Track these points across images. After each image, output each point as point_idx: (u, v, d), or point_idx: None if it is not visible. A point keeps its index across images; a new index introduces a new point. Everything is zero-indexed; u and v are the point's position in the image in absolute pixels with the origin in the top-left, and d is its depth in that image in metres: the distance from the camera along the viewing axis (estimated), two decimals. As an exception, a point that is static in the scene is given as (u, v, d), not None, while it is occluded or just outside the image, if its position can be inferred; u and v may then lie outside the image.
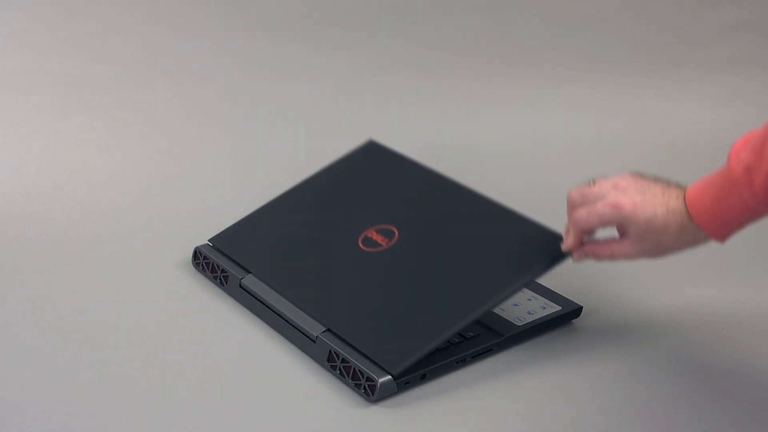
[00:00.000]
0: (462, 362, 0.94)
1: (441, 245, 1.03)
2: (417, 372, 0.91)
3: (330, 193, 1.17)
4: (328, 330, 0.96)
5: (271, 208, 1.18)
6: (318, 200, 1.17)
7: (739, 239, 1.25)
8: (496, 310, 1.02)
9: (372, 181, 1.17)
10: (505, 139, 1.52)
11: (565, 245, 0.95)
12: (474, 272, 0.98)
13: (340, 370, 0.92)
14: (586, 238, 0.95)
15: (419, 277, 1.00)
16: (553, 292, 1.06)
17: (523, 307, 1.03)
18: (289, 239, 1.12)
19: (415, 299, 0.98)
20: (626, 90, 1.62)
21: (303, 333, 0.97)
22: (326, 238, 1.10)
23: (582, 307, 1.03)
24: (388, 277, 1.01)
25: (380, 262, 1.03)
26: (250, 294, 1.05)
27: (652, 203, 0.89)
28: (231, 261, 1.10)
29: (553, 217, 1.30)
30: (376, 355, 0.91)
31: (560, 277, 1.08)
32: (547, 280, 1.07)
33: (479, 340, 0.97)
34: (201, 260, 1.12)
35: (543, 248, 0.98)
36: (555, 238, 0.97)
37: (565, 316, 1.03)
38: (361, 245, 1.06)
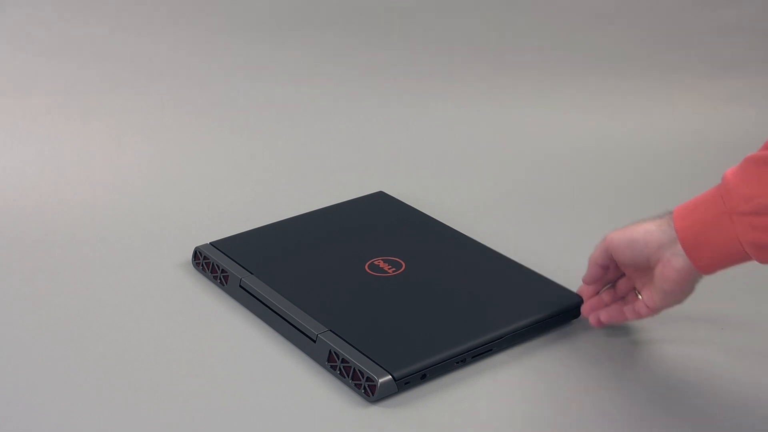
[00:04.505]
0: (462, 362, 0.94)
1: (450, 280, 1.06)
2: (417, 372, 0.91)
3: (338, 225, 1.20)
4: (329, 330, 0.96)
5: (274, 226, 1.19)
6: (325, 228, 1.19)
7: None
8: (496, 311, 1.03)
9: (381, 222, 1.21)
10: (504, 140, 1.52)
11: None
12: (484, 304, 1.01)
13: (340, 370, 0.92)
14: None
15: (427, 299, 1.02)
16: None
17: (523, 307, 1.04)
18: (293, 251, 1.13)
19: (422, 316, 0.99)
20: (626, 91, 1.62)
21: (303, 333, 0.97)
22: (332, 258, 1.11)
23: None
24: (394, 295, 1.03)
25: (386, 284, 1.05)
26: (251, 294, 1.05)
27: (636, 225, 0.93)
28: (232, 261, 1.10)
29: (553, 218, 1.30)
30: (377, 355, 0.91)
31: (560, 279, 1.08)
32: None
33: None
34: (201, 260, 1.12)
35: (555, 300, 1.02)
36: (565, 293, 1.03)
37: (565, 314, 1.02)
38: (367, 269, 1.07)
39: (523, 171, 1.44)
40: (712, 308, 1.08)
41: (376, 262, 1.09)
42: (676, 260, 0.88)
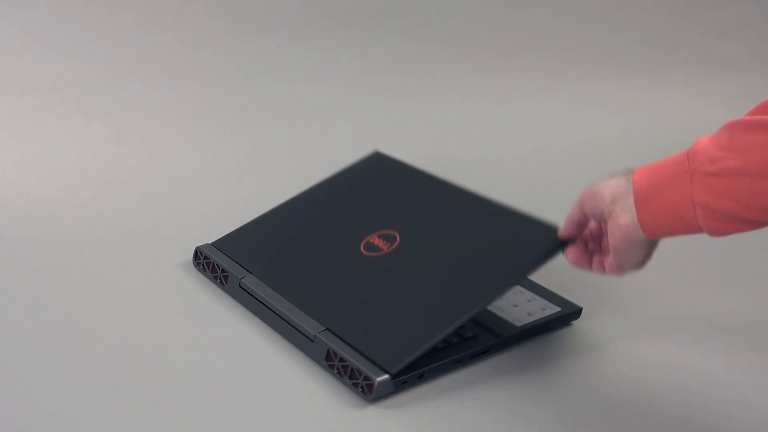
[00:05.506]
0: (460, 362, 0.95)
1: (441, 247, 1.04)
2: (414, 372, 0.91)
3: (334, 200, 1.19)
4: (327, 329, 0.96)
5: (274, 213, 1.19)
6: (322, 207, 1.18)
7: (739, 244, 1.26)
8: (495, 311, 1.02)
9: (376, 188, 1.19)
10: (505, 138, 1.52)
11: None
12: (471, 271, 0.98)
13: (337, 369, 0.92)
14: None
15: (418, 278, 1.00)
16: (553, 293, 1.06)
17: (522, 308, 1.03)
18: (292, 243, 1.13)
19: (413, 300, 0.98)
20: (626, 90, 1.62)
21: (301, 332, 0.97)
22: (328, 243, 1.10)
23: (581, 308, 1.03)
24: (388, 280, 1.02)
25: (380, 265, 1.04)
26: (250, 294, 1.05)
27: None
28: (231, 261, 1.10)
29: (553, 215, 1.30)
30: (373, 354, 0.92)
31: (560, 280, 1.08)
32: (548, 282, 1.08)
33: (477, 340, 0.97)
34: (202, 260, 1.13)
35: (539, 242, 0.97)
36: (550, 231, 0.97)
37: (565, 318, 1.03)
38: (362, 250, 1.07)
39: (523, 169, 1.44)
40: (712, 308, 1.08)
41: (371, 240, 1.08)
42: (623, 216, 0.85)
